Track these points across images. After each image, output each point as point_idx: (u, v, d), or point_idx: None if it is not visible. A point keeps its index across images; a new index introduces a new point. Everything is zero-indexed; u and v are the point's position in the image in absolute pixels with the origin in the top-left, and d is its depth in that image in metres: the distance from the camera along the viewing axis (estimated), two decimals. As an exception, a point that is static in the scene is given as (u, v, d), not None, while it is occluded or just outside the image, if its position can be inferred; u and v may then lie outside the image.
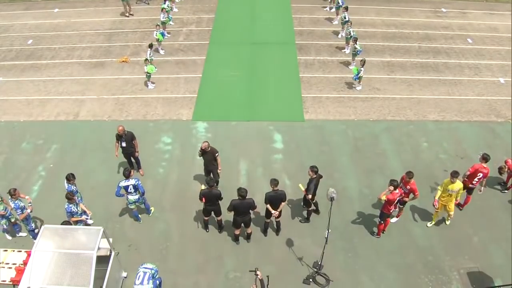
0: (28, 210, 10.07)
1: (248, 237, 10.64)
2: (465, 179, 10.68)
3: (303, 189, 10.49)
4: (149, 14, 20.47)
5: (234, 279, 9.94)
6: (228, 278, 9.96)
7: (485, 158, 10.42)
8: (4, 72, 17.00)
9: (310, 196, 10.29)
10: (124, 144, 11.62)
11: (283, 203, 9.94)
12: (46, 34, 19.30)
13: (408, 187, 10.18)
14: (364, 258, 10.37)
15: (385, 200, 9.90)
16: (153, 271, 8.63)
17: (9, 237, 10.74)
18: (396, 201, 9.90)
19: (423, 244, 10.66)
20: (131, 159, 12.16)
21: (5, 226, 10.44)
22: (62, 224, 9.20)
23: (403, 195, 10.17)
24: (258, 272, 8.16)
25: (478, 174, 10.48)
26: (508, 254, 10.36)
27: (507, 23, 19.82)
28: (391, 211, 10.13)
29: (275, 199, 9.81)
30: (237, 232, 10.42)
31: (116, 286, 9.46)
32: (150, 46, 15.79)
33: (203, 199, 9.92)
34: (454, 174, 9.92)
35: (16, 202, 9.88)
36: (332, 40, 18.63)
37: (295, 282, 9.86)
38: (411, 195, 10.34)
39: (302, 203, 11.07)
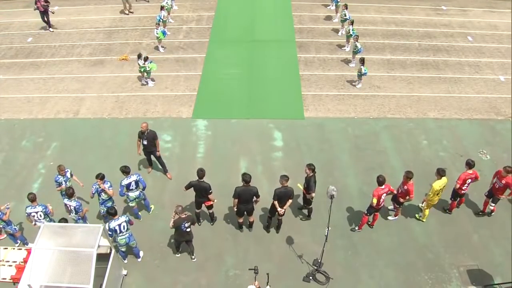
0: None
1: (250, 225, 10.71)
2: (457, 189, 10.61)
3: (302, 188, 10.47)
4: (149, 12, 20.43)
5: (234, 276, 9.96)
6: (228, 275, 9.99)
7: (468, 164, 10.35)
8: (4, 70, 16.98)
9: (313, 195, 10.27)
10: (145, 142, 11.54)
11: (290, 200, 9.91)
12: (46, 32, 19.26)
13: (406, 187, 10.16)
14: (364, 255, 10.39)
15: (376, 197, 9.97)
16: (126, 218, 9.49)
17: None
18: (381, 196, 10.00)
19: (423, 242, 10.68)
20: (151, 157, 12.12)
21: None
22: (59, 222, 9.21)
23: (392, 191, 10.24)
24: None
25: (467, 181, 10.46)
26: (508, 252, 10.38)
27: (507, 21, 19.77)
28: (380, 206, 10.23)
29: (284, 195, 9.77)
30: (240, 220, 10.52)
31: (116, 284, 9.48)
32: (139, 56, 15.15)
33: (192, 188, 10.00)
34: (442, 172, 10.03)
35: (74, 200, 9.83)
36: (332, 38, 18.59)
37: (295, 280, 9.87)
38: (407, 197, 10.28)
39: (302, 203, 11.05)
